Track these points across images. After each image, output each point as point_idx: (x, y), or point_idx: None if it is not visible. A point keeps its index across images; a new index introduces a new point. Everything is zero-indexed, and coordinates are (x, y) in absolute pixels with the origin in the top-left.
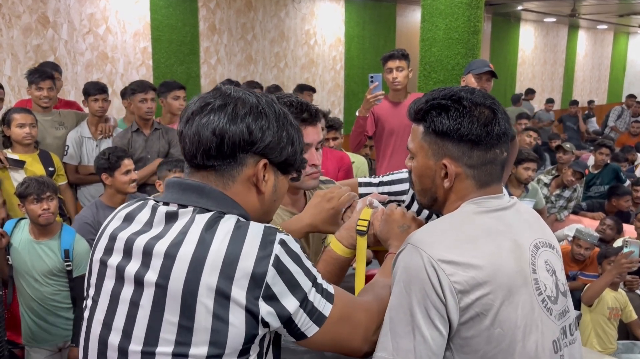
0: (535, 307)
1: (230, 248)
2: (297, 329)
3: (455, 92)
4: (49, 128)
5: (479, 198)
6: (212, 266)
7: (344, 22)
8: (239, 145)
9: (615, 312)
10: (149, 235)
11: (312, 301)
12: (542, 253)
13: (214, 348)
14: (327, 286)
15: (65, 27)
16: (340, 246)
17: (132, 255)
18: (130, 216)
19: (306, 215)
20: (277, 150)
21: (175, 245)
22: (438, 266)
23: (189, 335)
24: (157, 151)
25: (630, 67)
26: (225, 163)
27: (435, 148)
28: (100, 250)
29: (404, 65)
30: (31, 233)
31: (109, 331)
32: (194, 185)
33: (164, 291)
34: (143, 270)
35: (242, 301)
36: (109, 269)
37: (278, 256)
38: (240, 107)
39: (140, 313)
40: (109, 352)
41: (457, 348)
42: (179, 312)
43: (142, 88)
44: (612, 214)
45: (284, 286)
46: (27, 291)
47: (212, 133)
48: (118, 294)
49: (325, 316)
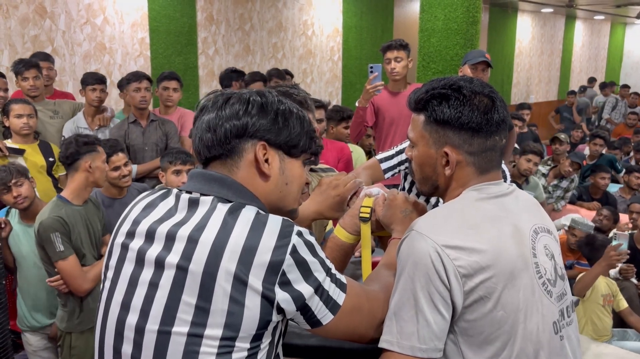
0: (536, 290)
1: (250, 237)
2: (314, 316)
3: (454, 82)
4: (43, 117)
5: (479, 185)
6: (232, 252)
7: (341, 12)
8: (231, 132)
9: (609, 298)
10: (172, 221)
11: (327, 289)
12: (541, 238)
13: (228, 330)
14: (340, 276)
15: (62, 18)
16: (345, 232)
17: (155, 239)
18: (152, 204)
19: (312, 202)
20: (273, 132)
21: (198, 230)
22: (442, 252)
23: (205, 316)
24: (154, 142)
25: (627, 57)
26: (225, 152)
27: (436, 137)
28: (122, 234)
29: (403, 56)
30: (21, 218)
31: (127, 311)
32: (216, 177)
33: (184, 273)
34: (164, 253)
35: (259, 287)
36: (130, 252)
37: (295, 245)
38: (231, 100)
39: (159, 294)
40: (126, 331)
41: (461, 331)
42: (197, 293)
43: (136, 77)
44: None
45: (300, 274)
46: (26, 276)
47: (206, 129)
48: (137, 276)
49: (340, 305)
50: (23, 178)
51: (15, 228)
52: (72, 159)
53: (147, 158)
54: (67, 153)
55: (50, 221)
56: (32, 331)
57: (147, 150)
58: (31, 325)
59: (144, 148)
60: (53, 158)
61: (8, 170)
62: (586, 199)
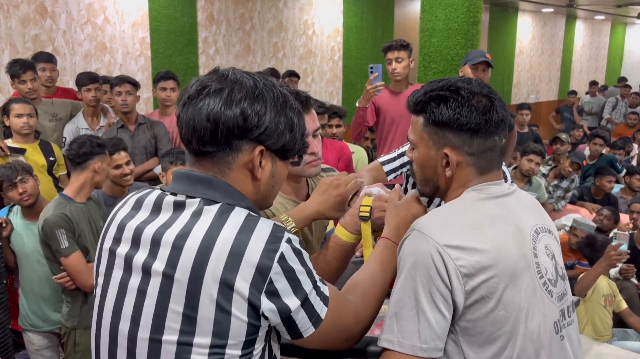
0: (537, 290)
1: (237, 240)
2: (297, 328)
3: (452, 83)
4: (42, 120)
5: (480, 185)
6: (219, 256)
7: (342, 12)
8: (234, 131)
9: (610, 299)
10: (156, 224)
11: (312, 302)
12: (542, 238)
13: (217, 338)
14: (324, 288)
15: (63, 17)
16: (345, 232)
17: (141, 244)
18: (139, 202)
19: (313, 202)
20: (274, 137)
21: (182, 236)
22: (444, 251)
23: (192, 324)
24: (144, 146)
25: (627, 57)
26: (221, 150)
27: (435, 139)
28: (110, 239)
29: (404, 56)
30: (24, 216)
31: (118, 319)
32: (201, 177)
33: (170, 281)
34: (150, 260)
35: (245, 293)
36: (118, 258)
37: (284, 253)
38: (237, 91)
39: (147, 302)
40: (120, 339)
41: (462, 331)
42: (183, 302)
43: (117, 81)
44: (599, 196)
45: (287, 284)
46: (29, 274)
47: (206, 119)
48: (126, 283)
49: (322, 319)
50: (28, 175)
51: (18, 225)
52: (83, 158)
53: (137, 162)
54: (80, 152)
55: (55, 218)
56: (34, 329)
57: (136, 154)
58: (34, 324)
59: (133, 152)
60: (54, 158)
61: (13, 167)
62: (587, 200)
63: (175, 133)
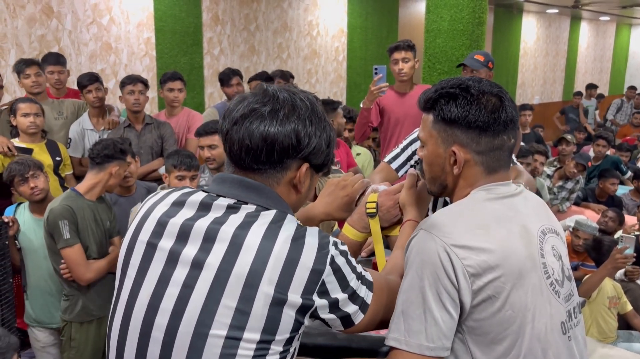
0: (544, 290)
1: (292, 249)
2: (348, 318)
3: (463, 81)
4: (48, 117)
5: (488, 185)
6: (277, 259)
7: (346, 13)
8: (288, 152)
9: (615, 301)
10: (207, 220)
11: (359, 292)
12: (549, 238)
13: (266, 334)
14: (367, 275)
15: (69, 18)
16: (353, 231)
17: (189, 239)
18: (180, 202)
19: (320, 203)
20: (318, 155)
21: (240, 234)
22: (451, 251)
23: (244, 320)
24: (150, 146)
25: (632, 58)
26: (272, 167)
27: (444, 136)
28: (147, 232)
29: (410, 56)
30: (33, 212)
31: (155, 312)
32: (255, 185)
33: (226, 276)
34: (202, 254)
35: (299, 294)
36: (159, 251)
37: (333, 256)
38: (289, 112)
39: (195, 296)
40: (154, 332)
41: (469, 330)
42: (238, 297)
43: (130, 80)
44: (603, 198)
45: (337, 283)
46: (37, 270)
47: (263, 140)
48: (169, 276)
49: (369, 305)
50: (39, 171)
51: (26, 221)
52: (103, 159)
53: (142, 162)
54: (102, 153)
55: (59, 209)
56: (40, 326)
57: (142, 154)
58: (40, 320)
59: (139, 152)
60: (60, 158)
61: (25, 162)
62: (592, 201)
63: (181, 134)
